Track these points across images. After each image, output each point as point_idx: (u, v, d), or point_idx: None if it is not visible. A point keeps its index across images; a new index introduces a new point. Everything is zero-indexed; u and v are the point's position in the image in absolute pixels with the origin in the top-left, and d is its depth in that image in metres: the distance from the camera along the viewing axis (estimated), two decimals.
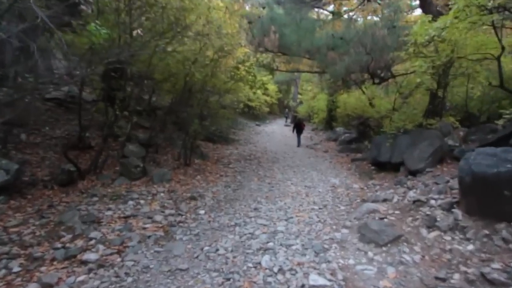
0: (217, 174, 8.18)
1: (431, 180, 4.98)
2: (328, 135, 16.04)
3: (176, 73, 8.46)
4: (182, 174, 7.87)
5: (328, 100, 17.99)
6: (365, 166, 8.51)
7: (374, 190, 5.90)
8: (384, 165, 7.19)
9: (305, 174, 8.07)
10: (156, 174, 7.29)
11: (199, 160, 9.41)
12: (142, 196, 6.07)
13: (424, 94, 10.52)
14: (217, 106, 12.53)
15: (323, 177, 7.60)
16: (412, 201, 4.21)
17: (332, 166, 9.14)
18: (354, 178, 7.37)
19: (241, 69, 9.43)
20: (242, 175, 8.04)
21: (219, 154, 10.90)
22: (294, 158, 10.61)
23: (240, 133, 16.84)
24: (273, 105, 26.57)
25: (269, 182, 7.16)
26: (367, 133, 15.39)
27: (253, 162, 9.86)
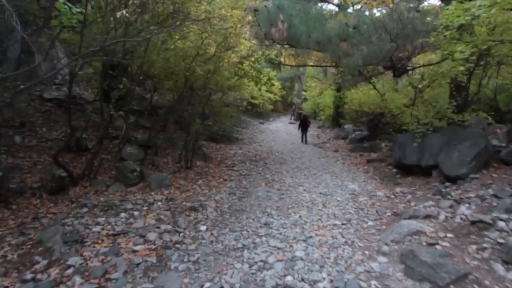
0: (221, 178, 7.33)
1: (484, 191, 4.09)
2: (336, 132, 15.13)
3: (176, 69, 7.63)
4: (182, 179, 7.05)
5: (335, 96, 17.05)
6: (384, 168, 7.62)
7: (405, 201, 5.01)
8: (411, 168, 6.29)
9: (318, 178, 7.20)
10: (154, 179, 6.47)
11: (201, 162, 8.58)
12: (137, 206, 5.25)
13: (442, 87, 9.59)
14: (219, 104, 11.73)
15: (339, 182, 6.72)
16: (470, 222, 3.32)
17: (346, 168, 8.26)
18: (375, 183, 6.49)
19: (245, 64, 8.54)
20: (247, 179, 7.18)
21: (222, 155, 10.05)
22: (303, 159, 9.73)
23: (244, 132, 15.99)
24: (277, 103, 25.65)
25: (279, 188, 6.30)
26: (380, 131, 14.47)
27: (259, 163, 9.00)
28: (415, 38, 6.10)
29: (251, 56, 8.48)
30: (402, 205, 4.82)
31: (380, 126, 15.13)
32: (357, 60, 6.36)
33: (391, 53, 6.48)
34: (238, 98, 17.69)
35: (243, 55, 8.62)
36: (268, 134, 16.15)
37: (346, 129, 14.95)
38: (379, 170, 7.55)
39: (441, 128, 6.31)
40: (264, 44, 8.34)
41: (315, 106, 20.45)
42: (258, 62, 8.51)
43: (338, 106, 17.14)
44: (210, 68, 7.90)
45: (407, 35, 6.06)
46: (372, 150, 10.62)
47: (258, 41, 8.49)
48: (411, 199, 5.02)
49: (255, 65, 8.55)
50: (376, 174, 7.23)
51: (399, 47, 6.19)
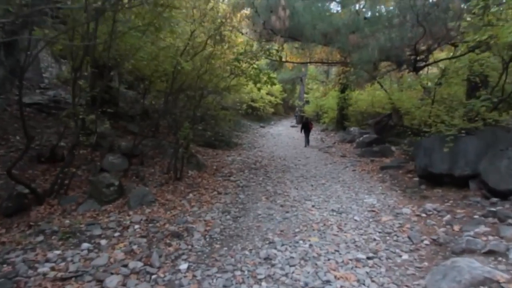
0: (215, 190, 6.23)
1: None
2: (341, 136, 14.01)
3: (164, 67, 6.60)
4: (170, 193, 5.96)
5: (339, 98, 15.95)
6: (402, 176, 6.50)
7: (444, 223, 3.87)
8: (439, 178, 5.17)
9: (327, 189, 6.08)
10: (134, 195, 5.39)
11: (194, 172, 7.49)
12: (108, 231, 4.17)
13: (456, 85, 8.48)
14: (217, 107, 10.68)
15: (353, 194, 5.60)
16: None
17: (358, 176, 7.13)
18: (396, 196, 5.36)
19: (242, 61, 7.48)
20: (245, 192, 6.08)
21: (219, 163, 8.96)
22: (308, 166, 8.62)
23: (244, 136, 14.90)
24: (278, 106, 24.57)
25: (282, 204, 5.19)
26: (387, 133, 13.34)
27: (259, 172, 7.89)
28: (447, 20, 5.00)
29: (249, 52, 7.43)
30: (441, 230, 3.69)
31: (387, 128, 14.04)
32: (373, 52, 5.28)
33: (415, 40, 5.37)
34: (237, 101, 16.73)
35: (239, 51, 7.58)
36: (269, 139, 15.06)
37: (352, 132, 13.83)
38: (397, 179, 6.42)
39: (475, 129, 5.19)
40: (263, 37, 7.27)
41: (317, 108, 19.36)
42: (257, 58, 7.45)
43: (343, 108, 16.04)
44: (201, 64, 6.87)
45: (437, 17, 4.97)
46: (383, 154, 9.51)
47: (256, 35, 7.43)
48: (452, 220, 3.89)
49: (253, 62, 7.48)
50: (395, 184, 6.10)
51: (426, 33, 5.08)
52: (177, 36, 6.45)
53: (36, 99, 8.64)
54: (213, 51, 6.99)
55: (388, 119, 14.01)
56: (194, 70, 7.21)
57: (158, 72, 7.09)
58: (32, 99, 8.50)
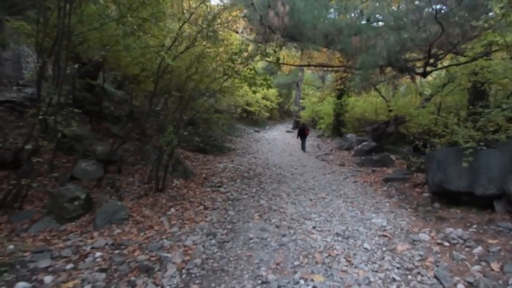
0: (201, 204, 5.38)
1: None
2: (338, 143, 13.29)
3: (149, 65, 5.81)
4: (148, 207, 5.09)
5: (335, 103, 15.28)
6: (410, 191, 5.74)
7: (476, 257, 3.07)
8: (457, 196, 4.41)
9: (328, 205, 5.28)
10: (103, 211, 4.51)
11: (179, 181, 6.63)
12: (60, 261, 3.30)
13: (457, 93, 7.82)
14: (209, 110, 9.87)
15: (358, 212, 4.81)
16: None
17: (361, 189, 6.35)
18: (408, 215, 4.58)
19: (237, 62, 6.70)
20: (236, 207, 5.24)
21: (209, 170, 8.11)
22: (305, 175, 7.82)
23: (238, 141, 14.08)
24: (273, 110, 23.83)
25: (278, 224, 4.36)
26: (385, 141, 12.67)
27: (252, 182, 7.06)
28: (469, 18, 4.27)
29: (244, 51, 6.65)
30: (476, 269, 2.90)
31: (385, 135, 13.38)
32: (381, 53, 4.54)
33: (429, 41, 4.63)
34: (232, 105, 15.92)
35: (234, 50, 6.79)
36: (264, 144, 14.26)
37: (349, 138, 13.12)
38: (404, 194, 5.65)
39: (496, 142, 4.46)
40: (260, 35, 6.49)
41: (313, 114, 18.66)
42: (252, 58, 6.66)
43: (339, 114, 15.37)
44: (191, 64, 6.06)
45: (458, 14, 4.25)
46: (384, 164, 8.78)
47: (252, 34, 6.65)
48: (486, 255, 3.11)
49: (249, 62, 6.69)
50: (404, 201, 5.33)
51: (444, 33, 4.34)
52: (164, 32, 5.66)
53: (10, 97, 7.72)
54: (204, 49, 6.20)
55: (385, 127, 13.35)
56: (183, 69, 6.42)
57: (146, 71, 6.29)
58: (5, 97, 7.59)
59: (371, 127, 13.72)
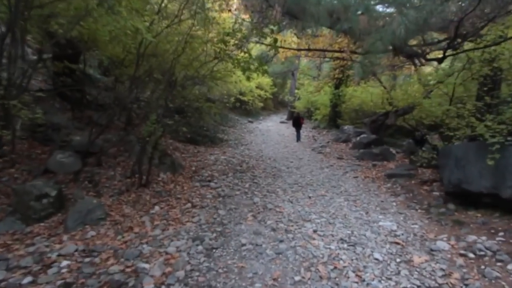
0: (188, 202, 4.82)
1: None
2: (335, 135, 12.80)
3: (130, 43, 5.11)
4: (130, 204, 4.52)
5: (332, 94, 14.72)
6: (417, 189, 5.28)
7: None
8: (477, 197, 3.95)
9: (329, 203, 4.79)
10: (76, 210, 3.93)
11: (166, 174, 6.04)
12: (16, 273, 2.77)
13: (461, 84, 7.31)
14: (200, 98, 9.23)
15: (363, 213, 4.32)
16: None
17: (363, 185, 5.88)
18: (419, 218, 4.11)
19: (229, 43, 6.04)
20: (227, 206, 4.70)
21: (199, 162, 7.52)
22: (302, 169, 7.31)
23: (230, 131, 13.46)
24: (268, 100, 23.11)
25: (274, 227, 3.84)
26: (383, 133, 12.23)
27: (245, 176, 6.52)
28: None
29: (238, 32, 5.98)
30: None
31: (384, 128, 12.94)
32: (399, 30, 3.94)
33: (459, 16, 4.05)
34: (224, 94, 15.21)
35: (226, 31, 6.11)
36: (257, 135, 13.68)
37: (346, 130, 12.64)
38: (412, 192, 5.19)
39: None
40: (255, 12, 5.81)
41: (309, 104, 18.08)
42: (247, 39, 6.01)
43: (336, 105, 14.84)
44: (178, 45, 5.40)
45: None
46: (385, 158, 8.34)
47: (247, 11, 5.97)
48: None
49: (243, 43, 6.04)
50: (412, 200, 4.87)
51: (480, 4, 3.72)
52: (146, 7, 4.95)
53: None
54: (191, 27, 5.52)
55: (384, 118, 12.89)
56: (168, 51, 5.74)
57: (132, 55, 5.60)
58: None
59: (369, 118, 13.24)
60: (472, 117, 5.02)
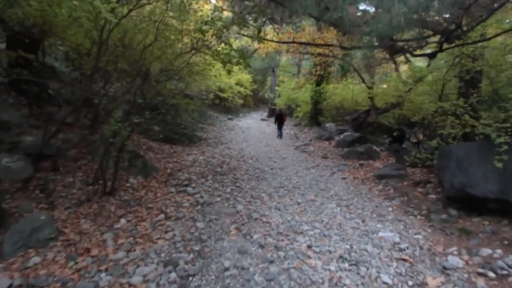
0: (161, 212, 4.13)
1: None
2: (318, 132, 12.46)
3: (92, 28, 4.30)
4: (89, 219, 3.76)
5: (314, 91, 14.39)
6: (411, 191, 4.94)
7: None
8: (482, 203, 3.61)
9: (321, 210, 4.29)
10: (15, 230, 3.13)
11: (137, 179, 5.29)
12: None
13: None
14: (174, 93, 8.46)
15: (359, 221, 3.87)
16: None
17: (354, 188, 5.45)
18: (421, 226, 3.72)
19: (208, 33, 5.35)
20: (206, 216, 4.06)
21: (175, 164, 6.79)
22: (287, 170, 6.81)
23: (209, 129, 12.74)
24: (247, 97, 22.46)
25: (261, 243, 3.27)
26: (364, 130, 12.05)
27: (226, 179, 5.90)
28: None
29: (217, 21, 5.31)
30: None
31: (365, 125, 12.79)
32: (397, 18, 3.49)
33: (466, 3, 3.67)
34: (203, 90, 14.39)
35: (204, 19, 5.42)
36: (238, 133, 13.05)
37: (328, 128, 12.34)
38: (406, 195, 4.83)
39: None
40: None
41: (289, 101, 17.68)
42: (227, 29, 5.35)
43: (317, 102, 14.53)
44: (147, 31, 4.65)
45: None
46: (370, 157, 8.03)
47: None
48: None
49: (223, 34, 5.38)
50: (408, 204, 4.49)
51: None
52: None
53: None
54: (164, 13, 4.78)
55: (365, 116, 12.75)
56: (137, 39, 4.97)
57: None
58: None
59: (351, 116, 13.05)
60: (466, 114, 4.73)
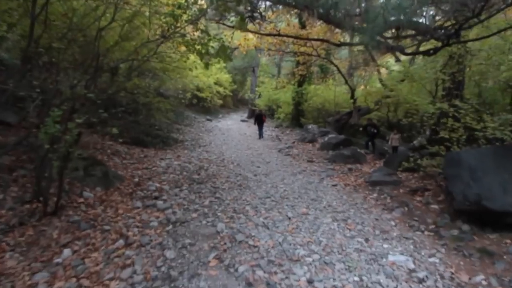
0: (120, 237, 3.24)
1: None
2: (299, 134, 11.91)
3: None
4: (19, 250, 2.80)
5: (295, 92, 13.88)
6: (410, 200, 4.40)
7: None
8: (499, 217, 3.10)
9: (316, 227, 3.60)
10: None
11: (95, 192, 4.32)
12: None
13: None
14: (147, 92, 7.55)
15: (362, 241, 3.22)
16: None
17: (347, 197, 4.84)
18: (432, 245, 3.14)
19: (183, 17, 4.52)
20: (179, 241, 3.22)
21: (145, 171, 5.85)
22: (272, 176, 6.10)
23: (187, 131, 11.77)
24: (227, 97, 21.57)
25: (250, 279, 2.51)
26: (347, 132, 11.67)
27: (204, 189, 5.07)
28: None
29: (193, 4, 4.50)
30: None
31: (347, 127, 12.44)
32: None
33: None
34: (180, 89, 13.37)
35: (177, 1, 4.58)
36: (217, 135, 12.19)
37: (311, 130, 11.83)
38: (406, 205, 4.27)
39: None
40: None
41: (270, 102, 17.06)
42: (205, 13, 4.55)
43: (299, 103, 14.02)
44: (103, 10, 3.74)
45: None
46: (357, 160, 7.54)
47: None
48: None
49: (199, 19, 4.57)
50: (411, 217, 3.93)
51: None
52: None
53: None
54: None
55: (348, 118, 12.41)
56: (89, 18, 4.01)
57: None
58: None
59: (334, 118, 12.66)
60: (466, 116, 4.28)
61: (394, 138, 7.99)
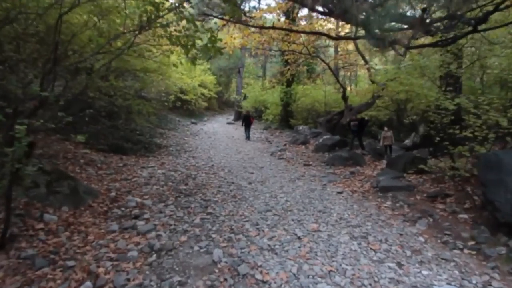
0: (87, 275, 2.45)
1: None
2: (290, 136, 11.33)
3: None
4: None
5: (284, 92, 13.32)
6: (431, 208, 3.86)
7: None
8: None
9: (334, 250, 2.96)
10: None
11: (59, 213, 3.48)
12: None
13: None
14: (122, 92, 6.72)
15: (394, 266, 2.63)
16: None
17: (358, 206, 4.24)
18: (481, 269, 2.58)
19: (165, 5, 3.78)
20: (165, 280, 2.47)
21: (124, 182, 5.01)
22: (268, 184, 5.43)
23: (171, 135, 10.89)
24: (212, 100, 20.72)
25: None
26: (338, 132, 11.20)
27: (193, 202, 4.32)
28: None
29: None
30: None
31: (339, 127, 12.01)
32: None
33: None
34: (163, 91, 12.48)
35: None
36: (203, 138, 11.38)
37: (302, 131, 11.30)
38: (430, 215, 3.73)
39: None
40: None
41: (257, 104, 16.42)
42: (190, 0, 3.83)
43: (288, 104, 13.47)
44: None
45: None
46: (357, 162, 7.02)
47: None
48: None
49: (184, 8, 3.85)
50: (438, 229, 3.38)
51: None
52: None
53: None
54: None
55: (339, 117, 11.98)
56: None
57: None
58: None
59: (325, 118, 12.19)
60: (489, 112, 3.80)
61: (387, 137, 7.55)
